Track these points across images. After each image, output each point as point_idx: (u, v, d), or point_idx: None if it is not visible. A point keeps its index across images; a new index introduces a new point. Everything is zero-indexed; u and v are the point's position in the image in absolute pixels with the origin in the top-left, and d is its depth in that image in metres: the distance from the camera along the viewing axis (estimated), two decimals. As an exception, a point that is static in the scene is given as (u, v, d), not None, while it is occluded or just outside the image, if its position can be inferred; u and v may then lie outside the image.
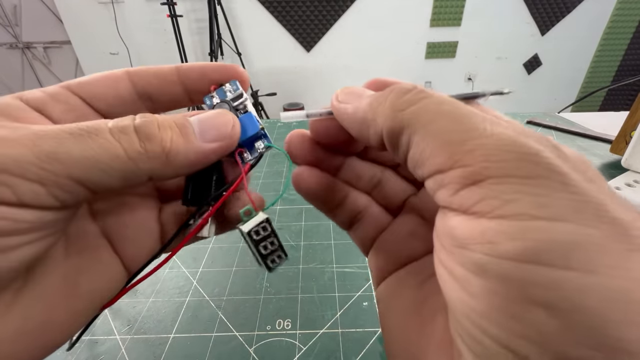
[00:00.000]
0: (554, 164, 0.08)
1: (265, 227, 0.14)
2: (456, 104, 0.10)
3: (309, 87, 2.31)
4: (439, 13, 2.08)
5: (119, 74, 0.15)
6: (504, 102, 2.39)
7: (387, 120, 0.11)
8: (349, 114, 0.13)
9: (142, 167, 0.11)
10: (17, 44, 2.10)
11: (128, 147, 0.11)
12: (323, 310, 0.28)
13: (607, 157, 0.51)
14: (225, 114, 0.14)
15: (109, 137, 0.11)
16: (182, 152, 0.12)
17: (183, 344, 0.26)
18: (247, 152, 0.15)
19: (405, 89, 0.11)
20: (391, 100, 0.11)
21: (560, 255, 0.07)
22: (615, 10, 2.13)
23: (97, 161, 0.10)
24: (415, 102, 0.10)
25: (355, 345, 0.26)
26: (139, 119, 0.12)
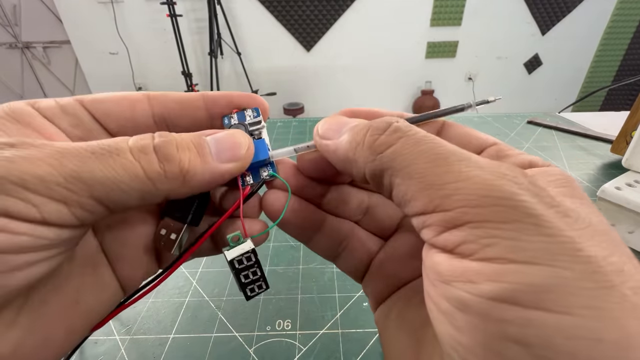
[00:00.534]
0: (528, 206, 0.08)
1: (249, 258, 0.14)
2: (433, 142, 0.10)
3: (308, 86, 2.30)
4: (439, 13, 2.08)
5: (138, 96, 0.15)
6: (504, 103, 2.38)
7: (367, 163, 0.11)
8: (331, 152, 0.13)
9: (160, 187, 0.11)
10: (16, 44, 2.10)
11: (148, 167, 0.11)
12: (323, 311, 0.28)
13: (607, 157, 0.51)
14: (241, 135, 0.14)
15: (129, 157, 0.11)
16: (199, 172, 0.12)
17: (183, 345, 0.26)
18: (249, 175, 0.15)
19: (380, 128, 0.11)
20: (368, 142, 0.11)
21: (534, 297, 0.07)
22: (615, 10, 2.13)
23: (118, 181, 0.10)
24: (391, 143, 0.11)
25: (356, 345, 0.25)
26: (158, 139, 0.12)
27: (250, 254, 0.14)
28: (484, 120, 0.69)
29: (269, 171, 0.15)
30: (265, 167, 0.15)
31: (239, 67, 2.05)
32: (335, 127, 0.13)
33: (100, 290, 0.14)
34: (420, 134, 0.11)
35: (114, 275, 0.14)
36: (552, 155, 0.53)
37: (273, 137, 0.62)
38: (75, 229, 0.11)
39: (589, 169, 0.49)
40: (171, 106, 0.15)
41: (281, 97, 2.23)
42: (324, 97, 2.34)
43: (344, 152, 0.12)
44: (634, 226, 0.33)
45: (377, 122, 0.11)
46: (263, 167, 0.15)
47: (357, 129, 0.12)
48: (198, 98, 0.15)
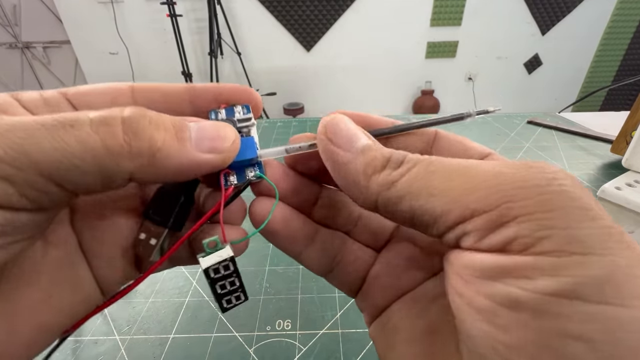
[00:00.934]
0: (569, 190, 0.08)
1: (227, 266, 0.13)
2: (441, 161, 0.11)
3: (308, 86, 2.30)
4: (439, 12, 2.08)
5: (122, 88, 0.14)
6: (504, 103, 2.39)
7: (382, 193, 0.11)
8: (338, 164, 0.12)
9: (123, 165, 0.10)
10: (16, 44, 2.09)
11: (108, 140, 0.10)
12: (323, 311, 0.28)
13: (607, 157, 0.51)
14: (227, 127, 0.13)
15: (86, 129, 0.09)
16: (173, 156, 0.11)
17: (183, 345, 0.26)
18: (234, 175, 0.14)
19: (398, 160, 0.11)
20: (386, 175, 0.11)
21: (596, 290, 0.07)
22: (615, 10, 2.13)
23: (70, 155, 0.09)
24: (406, 173, 0.11)
25: (356, 345, 0.25)
26: (129, 111, 0.10)
27: (228, 262, 0.13)
28: (484, 120, 0.69)
29: (255, 172, 0.14)
30: (251, 167, 0.14)
31: (239, 67, 2.05)
32: (347, 135, 0.12)
33: (77, 288, 0.13)
34: (429, 159, 0.11)
35: (91, 275, 0.13)
36: (552, 155, 0.53)
37: (273, 137, 0.62)
38: (33, 213, 0.10)
39: (589, 169, 0.49)
40: (155, 98, 0.14)
41: (281, 97, 2.23)
42: (324, 97, 2.34)
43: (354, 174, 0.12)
44: (634, 226, 0.33)
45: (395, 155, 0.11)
46: (249, 167, 0.14)
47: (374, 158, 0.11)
48: (183, 91, 0.14)
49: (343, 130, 0.12)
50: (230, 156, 0.13)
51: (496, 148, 0.56)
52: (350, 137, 0.12)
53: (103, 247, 0.14)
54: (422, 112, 2.33)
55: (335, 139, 0.12)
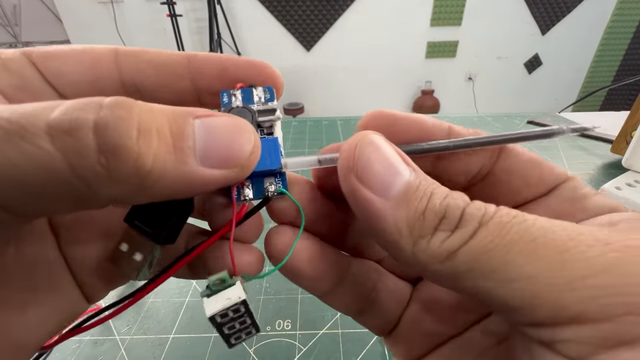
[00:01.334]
0: None
1: (237, 309, 0.10)
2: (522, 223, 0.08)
3: (309, 86, 2.30)
4: (440, 12, 2.08)
5: (102, 51, 0.11)
6: (504, 103, 2.39)
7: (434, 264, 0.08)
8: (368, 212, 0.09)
9: (100, 191, 0.07)
10: (16, 44, 2.09)
11: (76, 161, 0.07)
12: (323, 311, 0.28)
13: (607, 157, 0.51)
14: (245, 129, 0.09)
15: (42, 143, 0.07)
16: (168, 177, 0.08)
17: (183, 345, 0.26)
18: (249, 187, 0.11)
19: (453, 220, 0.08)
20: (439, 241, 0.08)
21: None
22: (615, 10, 2.13)
23: (22, 181, 0.07)
24: (468, 239, 0.08)
25: (356, 345, 0.25)
26: (107, 111, 0.07)
27: (239, 305, 0.10)
28: (483, 120, 0.69)
29: (277, 185, 0.11)
30: (272, 178, 0.11)
31: (239, 67, 2.06)
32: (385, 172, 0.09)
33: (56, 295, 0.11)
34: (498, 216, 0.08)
35: (73, 282, 0.11)
36: (553, 155, 0.53)
37: (273, 137, 0.62)
38: None
39: (589, 169, 0.48)
40: (144, 69, 0.11)
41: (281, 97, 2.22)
42: (324, 97, 2.34)
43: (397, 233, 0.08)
44: (634, 226, 0.33)
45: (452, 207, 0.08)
46: (270, 177, 0.11)
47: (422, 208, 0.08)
48: (180, 62, 0.11)
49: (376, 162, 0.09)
50: (246, 171, 0.10)
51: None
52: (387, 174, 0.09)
53: (85, 251, 0.11)
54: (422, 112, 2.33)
55: (366, 176, 0.09)
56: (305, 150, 0.56)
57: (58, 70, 0.11)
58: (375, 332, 0.14)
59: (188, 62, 0.11)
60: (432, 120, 0.11)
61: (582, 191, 0.10)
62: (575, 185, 0.11)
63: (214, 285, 0.10)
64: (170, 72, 0.11)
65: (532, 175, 0.11)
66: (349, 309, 0.13)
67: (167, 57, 0.11)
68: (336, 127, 0.66)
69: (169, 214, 0.10)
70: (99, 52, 0.11)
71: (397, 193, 0.09)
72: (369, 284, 0.13)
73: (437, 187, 0.09)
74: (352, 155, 0.10)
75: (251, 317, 0.11)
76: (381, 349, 0.25)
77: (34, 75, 0.10)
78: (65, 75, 0.11)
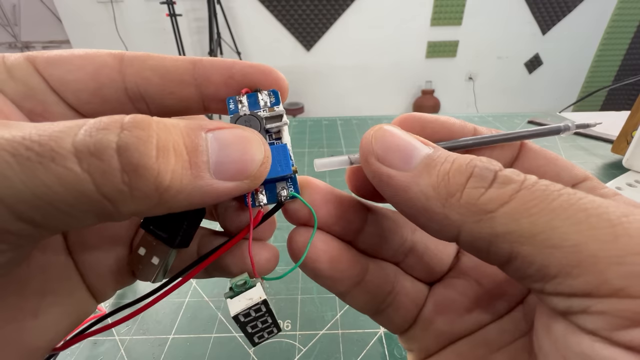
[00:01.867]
0: None
1: (259, 309, 0.11)
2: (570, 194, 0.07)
3: (309, 86, 2.30)
4: (440, 12, 2.08)
5: (105, 58, 0.11)
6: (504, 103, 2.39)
7: (468, 224, 0.08)
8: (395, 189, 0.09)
9: (122, 209, 0.08)
10: (16, 44, 2.09)
11: (102, 182, 0.07)
12: (323, 311, 0.28)
13: (608, 157, 0.51)
14: (255, 141, 0.10)
15: (72, 166, 0.07)
16: (185, 192, 0.08)
17: (182, 345, 0.26)
18: (263, 192, 0.11)
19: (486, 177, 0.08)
20: (471, 195, 0.08)
21: None
22: (616, 10, 2.13)
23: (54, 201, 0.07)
24: (507, 200, 0.08)
25: (356, 346, 0.25)
26: (127, 133, 0.08)
27: (260, 304, 0.11)
28: (484, 120, 0.69)
29: (289, 190, 0.11)
30: (284, 182, 0.12)
31: (239, 67, 2.06)
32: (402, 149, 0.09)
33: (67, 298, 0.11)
34: (543, 184, 0.08)
35: (82, 283, 0.12)
36: (553, 155, 0.53)
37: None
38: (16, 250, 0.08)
39: (589, 169, 0.48)
40: (148, 77, 0.11)
41: (281, 97, 2.23)
42: (324, 96, 2.34)
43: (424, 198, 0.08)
44: (634, 226, 0.33)
45: (480, 167, 0.08)
46: (281, 182, 0.12)
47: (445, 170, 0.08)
48: (186, 69, 0.11)
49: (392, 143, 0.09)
50: (258, 181, 0.10)
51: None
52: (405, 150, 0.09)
53: (94, 254, 0.12)
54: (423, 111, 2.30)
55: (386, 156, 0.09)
56: (305, 150, 0.56)
57: (62, 78, 0.11)
58: (390, 330, 0.14)
59: (193, 68, 0.11)
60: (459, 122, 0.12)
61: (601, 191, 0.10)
62: (593, 185, 0.11)
63: (236, 287, 0.11)
64: (175, 79, 0.11)
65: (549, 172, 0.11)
66: (367, 309, 0.13)
67: (172, 64, 0.11)
68: (336, 127, 0.66)
69: (183, 219, 0.11)
70: (102, 58, 0.11)
71: (418, 164, 0.09)
72: (387, 285, 0.13)
73: (461, 155, 0.09)
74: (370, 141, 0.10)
75: (272, 317, 0.11)
76: (381, 349, 0.25)
77: (39, 83, 0.11)
78: (69, 83, 0.11)
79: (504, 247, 0.08)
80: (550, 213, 0.07)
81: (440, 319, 0.13)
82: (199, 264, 0.11)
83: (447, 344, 0.13)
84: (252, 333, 0.12)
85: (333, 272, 0.12)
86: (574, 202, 0.07)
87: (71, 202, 0.07)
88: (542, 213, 0.07)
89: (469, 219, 0.08)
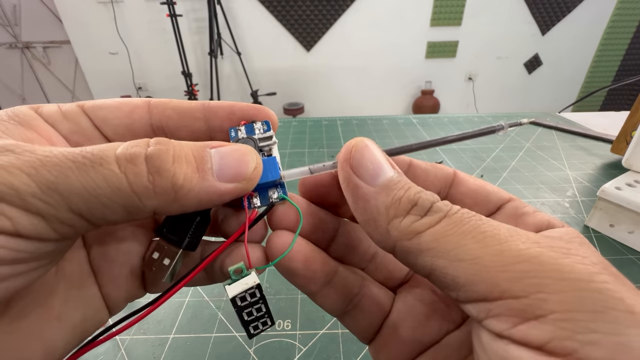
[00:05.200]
0: (612, 289, 0.08)
1: (253, 294, 0.13)
2: (475, 220, 0.09)
3: (308, 86, 2.31)
4: (440, 12, 2.08)
5: (137, 102, 0.14)
6: (504, 103, 2.39)
7: (403, 240, 0.10)
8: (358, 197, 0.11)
9: (147, 203, 0.10)
10: (16, 44, 2.10)
11: (134, 180, 0.10)
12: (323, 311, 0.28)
13: (607, 157, 0.51)
14: (248, 152, 0.12)
15: (113, 168, 0.10)
16: (195, 190, 0.11)
17: (183, 345, 0.26)
18: (257, 197, 0.14)
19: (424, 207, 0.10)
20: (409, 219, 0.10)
21: None
22: (615, 10, 2.13)
23: (99, 194, 0.09)
24: (432, 224, 0.10)
25: (356, 345, 0.25)
26: (152, 147, 0.10)
27: (255, 289, 0.13)
28: (484, 120, 0.69)
29: (279, 193, 0.14)
30: (274, 188, 0.14)
31: (239, 67, 2.06)
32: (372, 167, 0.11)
33: (86, 306, 0.13)
34: (461, 212, 0.10)
35: (99, 293, 0.13)
36: (553, 155, 0.53)
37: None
38: (58, 243, 0.10)
39: (589, 169, 0.49)
40: (169, 115, 0.14)
41: (281, 97, 2.23)
42: (324, 97, 2.34)
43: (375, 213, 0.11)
44: (634, 226, 0.33)
45: (423, 199, 0.10)
46: (272, 188, 0.14)
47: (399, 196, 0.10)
48: (197, 108, 0.14)
49: (367, 160, 0.11)
50: (252, 183, 0.12)
51: (497, 148, 0.56)
52: (375, 169, 0.11)
53: (110, 265, 0.14)
54: (422, 112, 2.33)
55: (358, 168, 0.11)
56: (305, 150, 0.56)
57: (104, 117, 0.14)
58: (359, 338, 0.15)
59: (203, 107, 0.14)
60: None
61: (523, 209, 0.12)
62: (517, 205, 0.13)
63: (234, 274, 0.13)
64: (189, 115, 0.14)
65: (479, 196, 0.13)
66: (335, 308, 0.15)
67: (187, 105, 0.14)
68: (336, 127, 0.66)
69: (190, 224, 0.13)
70: (135, 103, 0.14)
71: (381, 183, 0.11)
72: (355, 287, 0.15)
73: (414, 186, 0.11)
74: (349, 151, 0.12)
75: (266, 306, 0.13)
76: (381, 349, 0.25)
77: (85, 122, 0.14)
78: (109, 121, 0.14)
79: (427, 261, 0.10)
80: (460, 234, 0.09)
81: (403, 326, 0.14)
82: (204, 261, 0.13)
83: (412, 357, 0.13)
84: (248, 321, 0.13)
85: (306, 272, 0.14)
86: (477, 226, 0.09)
87: (110, 195, 0.10)
88: (455, 234, 0.09)
89: (404, 237, 0.10)
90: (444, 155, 0.54)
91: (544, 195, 0.43)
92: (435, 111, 2.34)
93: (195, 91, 1.96)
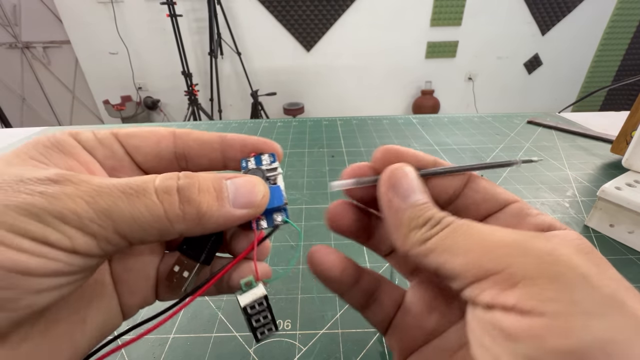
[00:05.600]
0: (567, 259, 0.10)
1: (261, 303, 0.15)
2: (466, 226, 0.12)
3: (308, 86, 2.31)
4: (440, 12, 2.08)
5: (164, 132, 0.16)
6: (504, 102, 2.39)
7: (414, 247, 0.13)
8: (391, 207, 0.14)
9: (177, 227, 0.12)
10: (16, 44, 2.10)
11: (169, 209, 0.12)
12: (323, 311, 0.28)
13: (607, 157, 0.51)
14: (258, 183, 0.15)
15: (154, 198, 0.12)
16: (215, 216, 0.13)
17: (183, 345, 0.26)
18: (264, 220, 0.16)
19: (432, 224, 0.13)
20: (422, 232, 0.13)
21: (601, 351, 0.08)
22: (615, 10, 2.13)
23: (142, 221, 0.11)
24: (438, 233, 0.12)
25: (356, 345, 0.25)
26: (182, 180, 0.13)
27: (262, 299, 0.15)
28: (483, 120, 0.69)
29: (282, 217, 0.16)
30: (279, 212, 0.16)
31: (239, 67, 2.06)
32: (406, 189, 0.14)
33: (106, 311, 0.15)
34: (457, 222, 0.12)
35: (117, 300, 0.15)
36: (552, 155, 0.53)
37: (273, 137, 0.62)
38: (100, 258, 0.12)
39: (589, 169, 0.49)
40: (191, 145, 0.17)
41: (281, 97, 2.23)
42: (324, 97, 2.34)
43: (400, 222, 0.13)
44: (633, 226, 0.33)
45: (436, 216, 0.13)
46: (277, 212, 0.16)
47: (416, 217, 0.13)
48: (216, 140, 0.17)
49: (404, 184, 0.14)
50: (261, 209, 0.15)
51: (496, 148, 0.56)
52: (409, 191, 0.14)
53: (128, 274, 0.16)
54: (422, 112, 2.33)
55: (396, 189, 0.14)
56: (305, 151, 0.56)
57: (136, 145, 0.16)
58: (377, 328, 0.17)
59: (221, 140, 0.17)
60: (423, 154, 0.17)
61: (527, 211, 0.14)
62: (521, 206, 0.14)
63: (244, 286, 0.15)
64: (208, 146, 0.17)
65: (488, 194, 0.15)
66: (358, 304, 0.17)
67: (207, 136, 0.17)
68: (336, 127, 0.66)
69: (207, 243, 0.15)
70: (162, 133, 0.16)
71: (410, 203, 0.14)
72: (374, 286, 0.17)
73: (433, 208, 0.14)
74: (391, 176, 0.15)
75: (271, 313, 0.15)
76: (381, 349, 0.25)
77: (118, 149, 0.16)
78: (140, 149, 0.16)
79: (432, 260, 0.12)
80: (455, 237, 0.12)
81: (410, 316, 0.16)
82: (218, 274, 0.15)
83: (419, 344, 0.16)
84: (256, 327, 0.15)
85: (341, 278, 0.16)
86: (468, 228, 0.12)
87: (149, 220, 0.12)
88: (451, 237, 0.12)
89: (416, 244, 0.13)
90: (444, 155, 0.54)
91: (543, 195, 0.43)
92: (435, 111, 2.34)
93: (195, 91, 1.96)
